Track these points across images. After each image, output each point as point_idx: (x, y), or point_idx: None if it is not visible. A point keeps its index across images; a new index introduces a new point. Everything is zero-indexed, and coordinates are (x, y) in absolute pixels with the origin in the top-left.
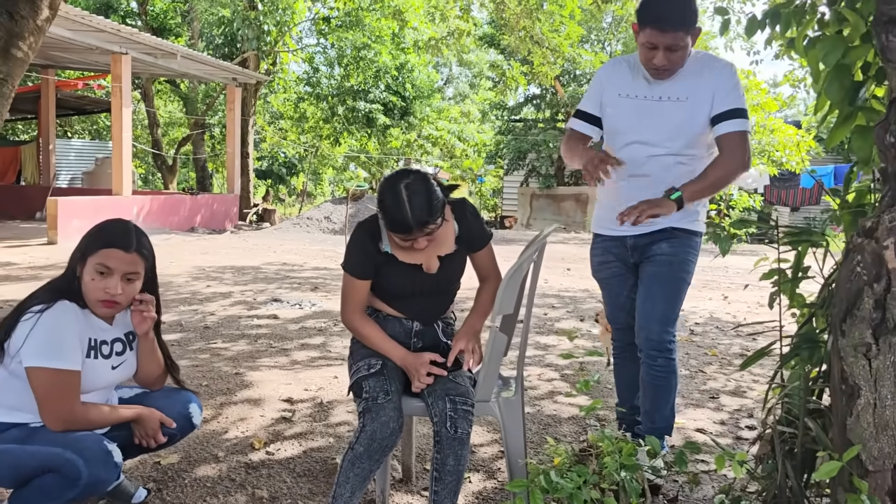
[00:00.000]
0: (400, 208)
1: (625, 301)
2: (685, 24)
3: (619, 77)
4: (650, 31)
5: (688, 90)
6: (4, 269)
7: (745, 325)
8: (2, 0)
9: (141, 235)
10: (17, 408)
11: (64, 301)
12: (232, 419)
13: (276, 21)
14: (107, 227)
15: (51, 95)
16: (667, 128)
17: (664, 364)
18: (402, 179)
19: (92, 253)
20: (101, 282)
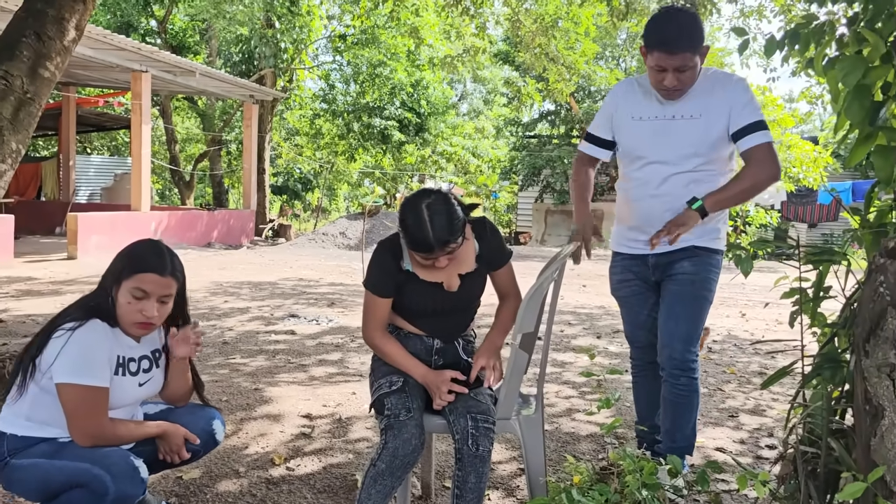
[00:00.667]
0: (421, 228)
1: (644, 319)
2: (692, 46)
3: (630, 99)
4: (658, 54)
5: (701, 107)
6: (26, 283)
7: (763, 343)
8: (30, 21)
9: (173, 257)
10: (47, 422)
11: (95, 320)
12: (252, 434)
13: (293, 39)
14: (141, 251)
15: (71, 112)
16: (682, 146)
17: (687, 383)
18: (424, 199)
19: (127, 277)
20: (136, 305)
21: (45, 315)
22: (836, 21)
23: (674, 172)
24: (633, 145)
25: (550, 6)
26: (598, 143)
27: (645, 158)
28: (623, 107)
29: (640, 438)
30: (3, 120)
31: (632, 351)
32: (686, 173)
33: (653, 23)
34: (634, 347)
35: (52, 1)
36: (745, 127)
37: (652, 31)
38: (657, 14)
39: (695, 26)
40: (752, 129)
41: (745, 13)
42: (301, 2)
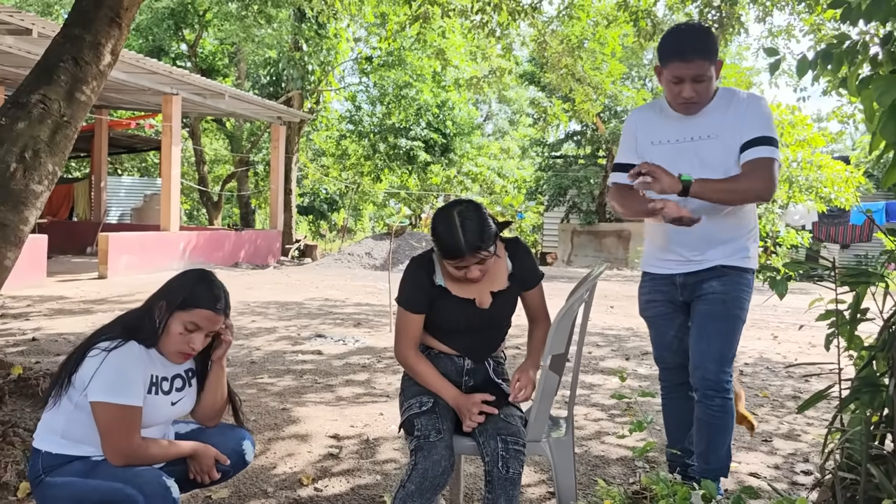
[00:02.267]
0: (453, 233)
1: (671, 340)
2: (706, 53)
3: (648, 125)
4: (674, 64)
5: (717, 127)
6: (58, 302)
7: (797, 366)
8: (68, 47)
9: (226, 294)
10: (81, 441)
11: (132, 342)
12: (280, 454)
13: (320, 61)
14: (202, 287)
15: (104, 134)
16: (703, 166)
17: (721, 404)
18: (455, 207)
19: (185, 309)
20: (187, 336)
21: (76, 334)
22: (869, 40)
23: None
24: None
25: (577, 27)
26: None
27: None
28: (642, 132)
29: (671, 462)
30: (40, 142)
31: (660, 372)
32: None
33: (666, 36)
34: (662, 369)
35: (89, 27)
36: (751, 140)
37: (666, 44)
38: (670, 29)
39: (708, 37)
40: (756, 143)
41: (773, 33)
42: (328, 25)
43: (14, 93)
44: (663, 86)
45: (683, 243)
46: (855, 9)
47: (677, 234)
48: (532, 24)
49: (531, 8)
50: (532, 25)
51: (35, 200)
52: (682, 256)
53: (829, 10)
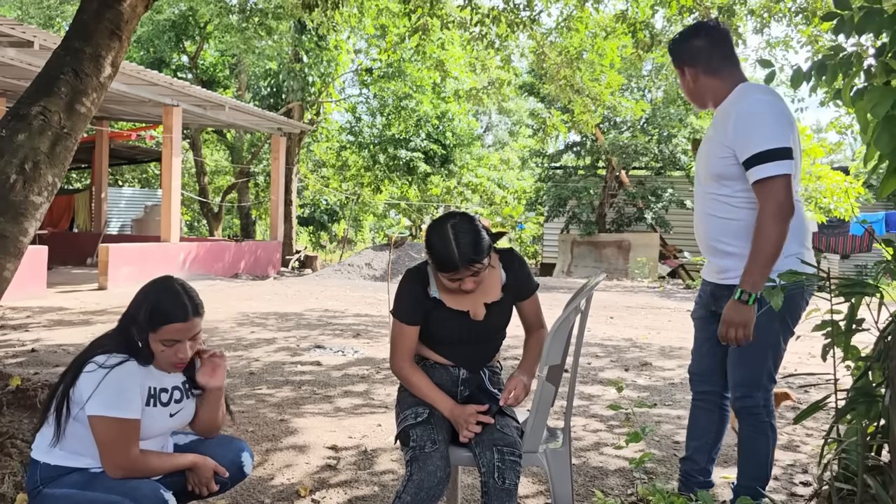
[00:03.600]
0: (447, 246)
1: (701, 344)
2: (674, 58)
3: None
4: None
5: (712, 130)
6: (57, 313)
7: (795, 376)
8: (68, 59)
9: (190, 295)
10: (80, 453)
11: (131, 361)
12: (278, 466)
13: (321, 73)
14: (161, 304)
15: (104, 146)
16: (699, 168)
17: (752, 424)
18: (449, 220)
19: (154, 330)
20: (170, 350)
21: (75, 345)
22: (863, 52)
23: (701, 194)
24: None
25: (575, 39)
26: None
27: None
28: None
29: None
30: (40, 154)
31: (690, 374)
32: (704, 193)
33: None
34: (692, 370)
35: (90, 39)
36: (748, 160)
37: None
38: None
39: (675, 42)
40: (754, 162)
41: (771, 44)
42: (329, 37)
43: (15, 104)
44: None
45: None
46: (848, 21)
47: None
48: (531, 35)
49: (530, 20)
50: (531, 37)
51: (35, 212)
52: (709, 264)
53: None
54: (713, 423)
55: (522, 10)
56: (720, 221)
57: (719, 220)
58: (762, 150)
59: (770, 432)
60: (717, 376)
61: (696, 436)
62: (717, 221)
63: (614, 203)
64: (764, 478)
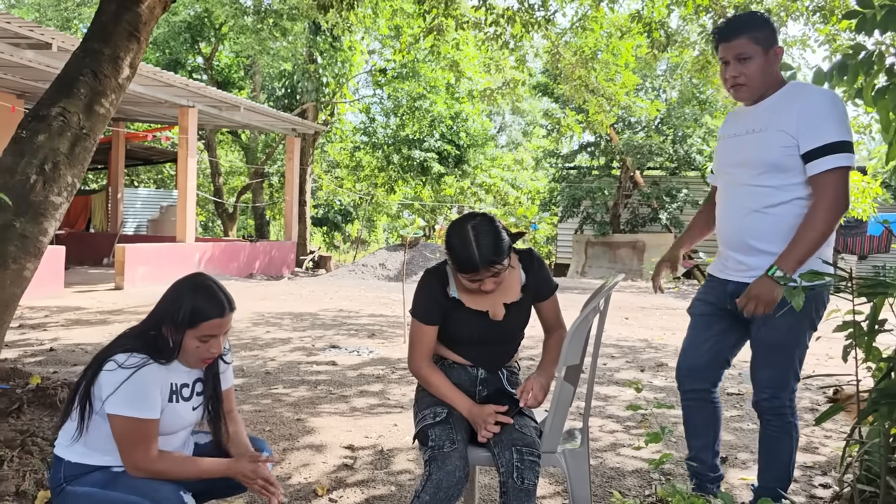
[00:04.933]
0: (467, 247)
1: (703, 342)
2: (748, 31)
3: (727, 122)
4: (720, 47)
5: (766, 121)
6: (75, 313)
7: (815, 377)
8: (87, 60)
9: (224, 290)
10: (102, 450)
11: (152, 364)
12: (295, 465)
13: (335, 73)
14: (202, 298)
15: (121, 147)
16: (745, 161)
17: (779, 425)
18: (469, 221)
19: (193, 327)
20: (205, 346)
21: (93, 344)
22: (885, 51)
23: (742, 185)
24: (719, 162)
25: (590, 39)
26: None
27: (723, 176)
28: (721, 133)
29: (693, 473)
30: (59, 154)
31: (679, 373)
32: (754, 186)
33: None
34: (686, 370)
35: (108, 41)
36: (813, 150)
37: (714, 31)
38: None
39: (753, 18)
40: (819, 154)
41: (788, 43)
42: (343, 37)
43: (34, 106)
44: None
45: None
46: (870, 19)
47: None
48: (545, 35)
49: (544, 20)
50: (545, 37)
51: (54, 212)
52: (733, 259)
53: (844, 20)
54: (710, 418)
55: (537, 10)
56: (764, 217)
57: (764, 215)
58: (830, 141)
59: (794, 433)
60: (710, 373)
61: (697, 435)
62: (761, 217)
63: (629, 203)
64: (787, 479)
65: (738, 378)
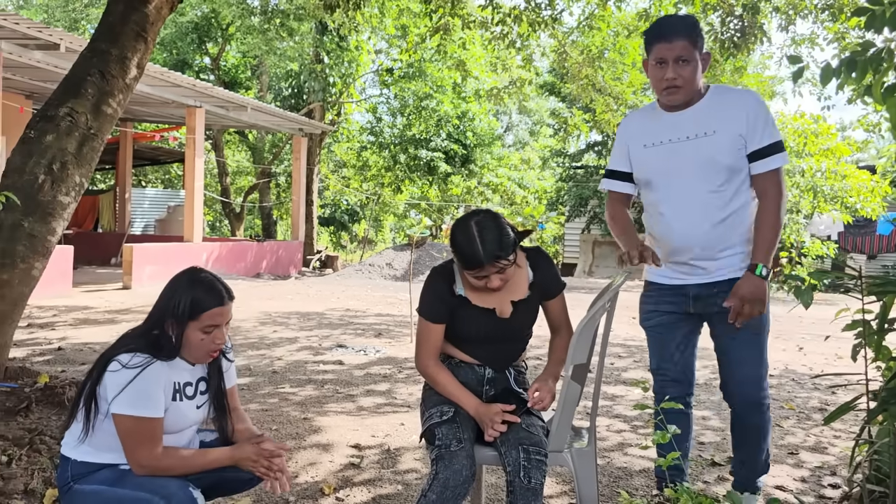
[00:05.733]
0: (471, 243)
1: (673, 352)
2: (689, 36)
3: (639, 128)
4: (658, 46)
5: (714, 123)
6: (83, 312)
7: (824, 377)
8: (95, 61)
9: (220, 279)
10: (109, 448)
11: (155, 363)
12: (302, 464)
13: (342, 73)
14: (200, 290)
15: (128, 147)
16: (699, 165)
17: (763, 416)
18: (473, 217)
19: (194, 318)
20: (209, 338)
21: (101, 343)
22: (894, 48)
23: (702, 193)
24: (649, 173)
25: (597, 38)
26: (622, 177)
27: (667, 183)
28: (635, 137)
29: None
30: (67, 154)
31: (657, 385)
32: (714, 192)
33: (652, 24)
34: (661, 381)
35: (116, 41)
36: (761, 150)
37: (650, 30)
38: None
39: (691, 21)
40: (766, 153)
41: (796, 41)
42: (350, 37)
43: (43, 106)
44: (650, 78)
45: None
46: (879, 16)
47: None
48: (552, 34)
49: (551, 19)
50: (552, 36)
51: (62, 212)
52: (692, 266)
53: (854, 17)
54: (687, 425)
55: (544, 9)
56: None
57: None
58: (774, 141)
59: (770, 420)
60: (687, 377)
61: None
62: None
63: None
64: (766, 467)
65: None
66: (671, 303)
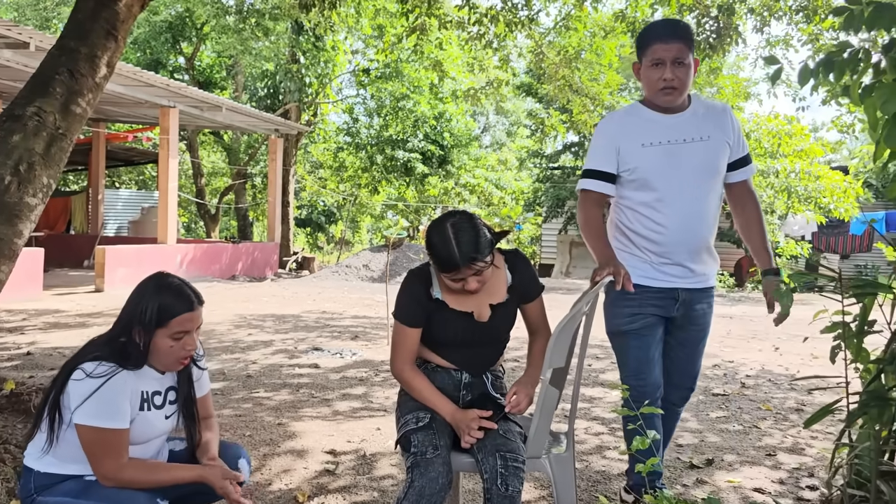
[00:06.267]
0: (447, 245)
1: (654, 354)
2: (686, 39)
3: (633, 128)
4: (656, 46)
5: (706, 130)
6: (53, 316)
7: (802, 380)
8: (63, 59)
9: (189, 284)
10: (73, 459)
11: (121, 372)
12: (276, 471)
13: (318, 73)
14: (167, 296)
15: (101, 147)
16: (706, 169)
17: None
18: (449, 219)
19: (162, 325)
20: (179, 344)
21: (71, 347)
22: (871, 48)
23: (699, 194)
24: (650, 171)
25: (573, 38)
26: (605, 178)
27: (666, 183)
28: (630, 136)
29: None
30: (35, 155)
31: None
32: (707, 195)
33: (646, 27)
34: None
35: (85, 39)
36: (742, 159)
37: (647, 30)
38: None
39: (688, 27)
40: (746, 162)
41: (771, 43)
42: (326, 37)
43: (9, 105)
44: (642, 79)
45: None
46: (857, 17)
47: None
48: (529, 35)
49: (528, 19)
50: (529, 37)
51: (29, 213)
52: (684, 268)
53: (828, 20)
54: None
55: (521, 9)
56: (711, 224)
57: (711, 223)
58: (748, 151)
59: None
60: (660, 380)
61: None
62: (713, 225)
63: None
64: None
65: (723, 378)
66: (657, 305)
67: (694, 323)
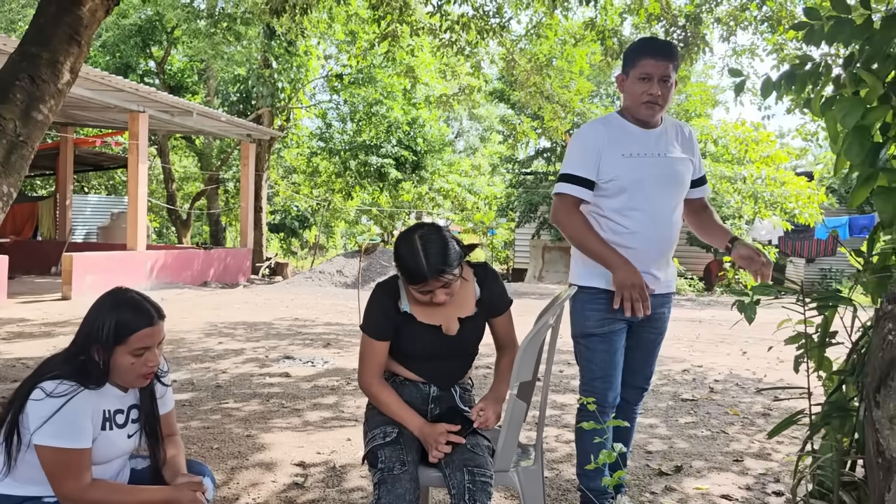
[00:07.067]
0: (415, 257)
1: (619, 357)
2: (673, 59)
3: (616, 138)
4: (645, 61)
5: (678, 147)
6: (18, 325)
7: (769, 389)
8: (24, 65)
9: (148, 299)
10: (32, 481)
11: (82, 392)
12: (243, 485)
13: (290, 78)
14: (125, 311)
15: (69, 152)
16: (671, 180)
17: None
18: (417, 231)
19: (121, 342)
20: (140, 360)
21: (35, 358)
22: (832, 62)
23: (669, 206)
24: (628, 180)
25: (545, 46)
26: (584, 184)
27: (643, 194)
28: (611, 145)
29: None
30: None
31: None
32: (676, 207)
33: (637, 42)
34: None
35: (47, 44)
36: (701, 178)
37: (637, 45)
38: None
39: (676, 48)
40: (703, 181)
41: (737, 52)
42: (298, 42)
43: None
44: (626, 90)
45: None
46: (817, 31)
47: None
48: (501, 42)
49: (499, 27)
50: (501, 44)
51: None
52: (651, 276)
53: (792, 31)
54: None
55: (492, 16)
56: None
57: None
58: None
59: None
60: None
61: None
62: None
63: None
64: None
65: (692, 384)
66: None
67: (653, 326)
